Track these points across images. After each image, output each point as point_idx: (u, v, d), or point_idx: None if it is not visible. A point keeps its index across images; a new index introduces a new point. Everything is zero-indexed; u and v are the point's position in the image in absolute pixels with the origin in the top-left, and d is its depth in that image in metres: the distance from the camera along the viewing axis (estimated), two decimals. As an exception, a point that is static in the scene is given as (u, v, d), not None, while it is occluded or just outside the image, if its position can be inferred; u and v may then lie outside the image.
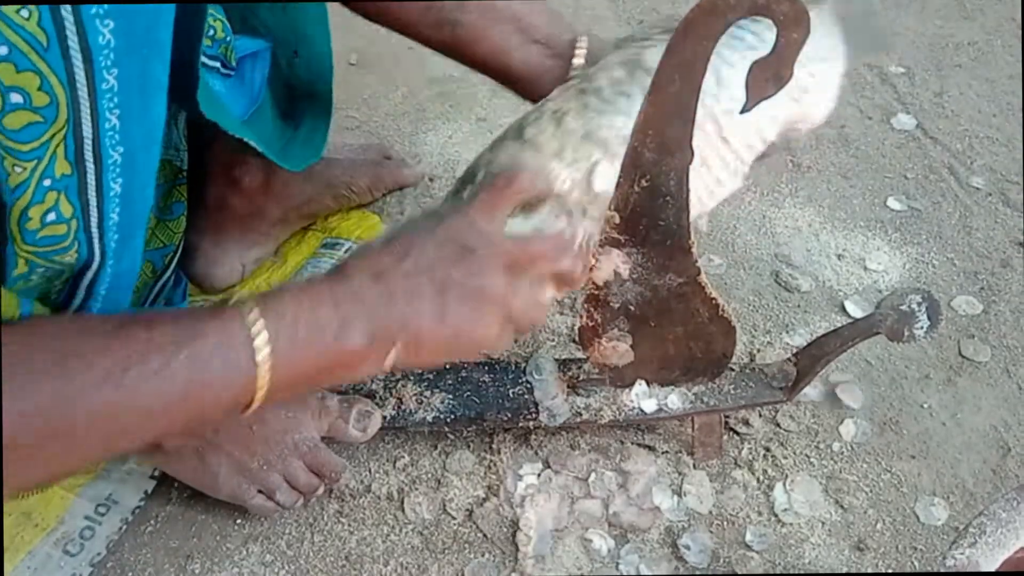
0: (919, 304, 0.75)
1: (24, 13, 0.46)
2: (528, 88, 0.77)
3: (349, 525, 0.81)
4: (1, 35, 0.46)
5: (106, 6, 0.49)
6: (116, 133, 0.54)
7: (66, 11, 0.48)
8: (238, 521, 0.81)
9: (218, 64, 0.81)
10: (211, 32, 0.78)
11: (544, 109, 0.67)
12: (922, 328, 0.75)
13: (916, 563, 0.79)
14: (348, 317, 0.56)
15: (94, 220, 0.57)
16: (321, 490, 0.80)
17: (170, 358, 0.50)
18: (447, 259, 0.59)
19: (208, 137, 0.74)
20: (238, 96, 0.84)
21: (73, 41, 0.49)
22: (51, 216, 0.53)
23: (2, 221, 0.52)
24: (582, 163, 0.65)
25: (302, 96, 0.92)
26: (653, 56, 0.62)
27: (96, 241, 0.58)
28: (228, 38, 0.80)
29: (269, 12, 0.84)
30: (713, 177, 0.67)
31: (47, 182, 0.52)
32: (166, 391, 0.51)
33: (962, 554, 0.59)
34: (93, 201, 0.56)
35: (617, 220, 0.67)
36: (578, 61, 0.74)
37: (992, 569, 0.59)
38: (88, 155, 0.53)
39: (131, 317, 0.53)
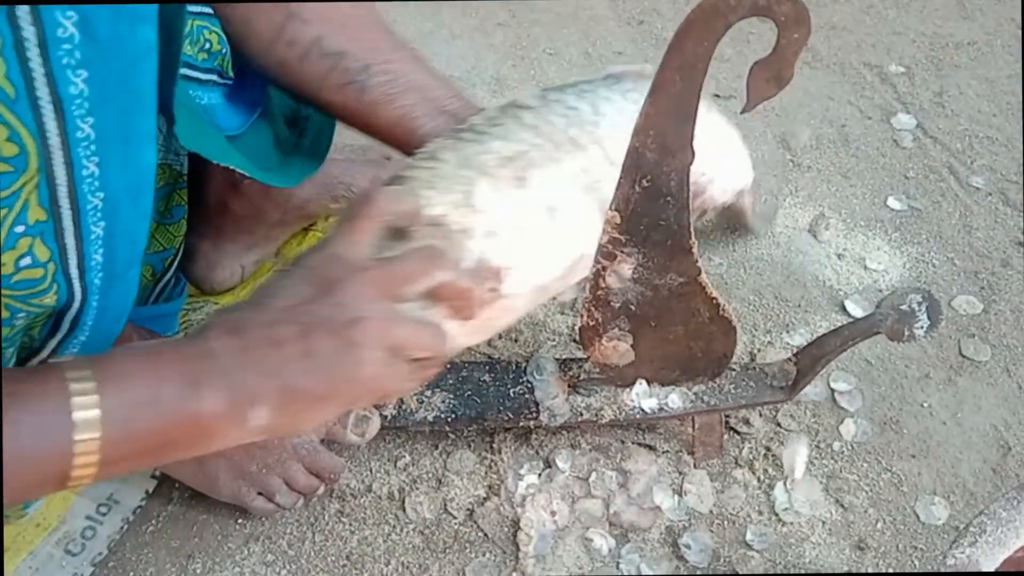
0: (919, 303, 0.76)
1: None
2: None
3: (350, 525, 0.81)
4: None
5: (79, 56, 0.48)
6: (95, 180, 0.53)
7: (35, 63, 0.47)
8: (239, 521, 0.81)
9: (215, 76, 0.80)
10: (207, 45, 0.78)
11: (422, 152, 0.67)
12: (922, 327, 0.75)
13: (916, 562, 0.79)
14: (198, 376, 0.50)
15: (73, 262, 0.56)
16: (321, 490, 0.80)
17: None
18: (309, 297, 0.53)
19: None
20: (238, 103, 0.84)
21: (43, 91, 0.48)
22: (26, 260, 0.53)
23: None
24: (457, 187, 0.63)
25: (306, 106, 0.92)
26: (524, 95, 0.63)
27: (76, 281, 0.57)
28: (224, 49, 0.79)
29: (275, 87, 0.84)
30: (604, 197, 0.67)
31: (19, 228, 0.51)
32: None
33: (963, 553, 0.60)
34: (71, 244, 0.55)
35: (618, 220, 0.67)
36: None
37: (992, 568, 0.59)
38: (64, 201, 0.53)
39: None
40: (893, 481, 0.85)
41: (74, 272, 0.57)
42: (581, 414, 0.80)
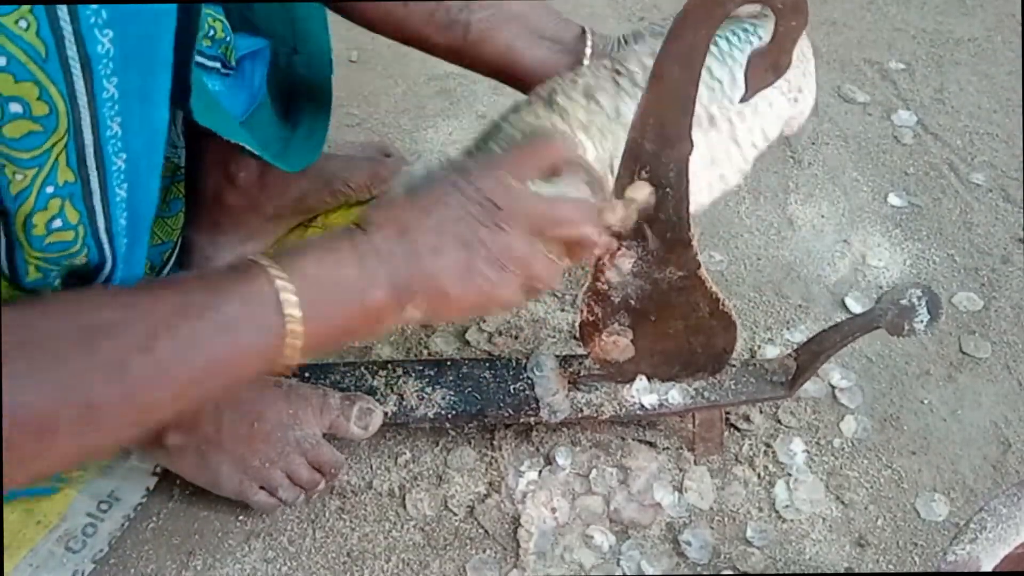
0: (919, 299, 0.75)
1: (23, 24, 0.46)
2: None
3: (351, 521, 0.81)
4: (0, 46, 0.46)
5: (105, 16, 0.49)
6: (118, 140, 0.54)
7: (64, 21, 0.48)
8: (240, 517, 0.81)
9: (218, 64, 0.81)
10: (211, 32, 0.78)
11: (577, 82, 0.67)
12: (922, 322, 0.75)
13: (917, 559, 0.79)
14: (371, 274, 0.55)
15: (102, 225, 0.57)
16: (322, 486, 0.80)
17: (199, 324, 0.50)
18: (474, 216, 0.57)
19: (204, 134, 0.74)
20: (237, 94, 0.84)
21: (72, 51, 0.49)
22: (56, 223, 0.54)
23: (7, 228, 0.53)
24: (607, 142, 0.65)
25: (301, 94, 0.92)
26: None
27: (107, 246, 0.58)
28: (228, 38, 0.80)
29: (268, 9, 0.84)
30: (718, 174, 0.67)
31: (49, 189, 0.52)
32: (198, 359, 0.50)
33: (963, 550, 0.59)
34: (99, 207, 0.56)
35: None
36: (588, 54, 0.74)
37: (993, 564, 0.59)
38: (91, 162, 0.54)
39: (153, 284, 0.53)
40: (893, 478, 0.85)
41: (103, 236, 0.58)
42: (581, 410, 0.80)
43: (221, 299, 0.51)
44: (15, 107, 0.48)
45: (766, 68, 0.57)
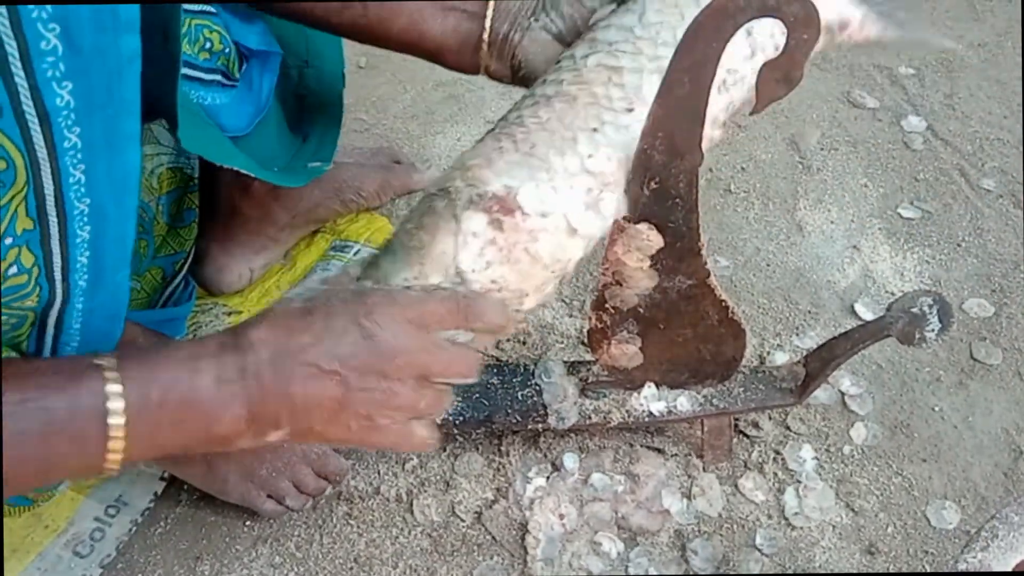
0: (930, 306, 0.75)
1: None
2: (452, 60, 0.74)
3: (358, 527, 0.81)
4: None
5: (64, 68, 0.49)
6: (81, 187, 0.54)
7: (19, 77, 0.48)
8: (247, 523, 0.81)
9: (218, 76, 0.80)
10: (207, 45, 0.78)
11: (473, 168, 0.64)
12: (933, 330, 0.74)
13: (927, 567, 0.79)
14: (227, 398, 0.52)
15: (57, 265, 0.56)
16: (329, 491, 0.80)
17: (25, 418, 0.49)
18: (360, 359, 0.54)
19: None
20: (243, 105, 0.84)
21: (28, 106, 0.49)
22: (12, 270, 0.53)
23: None
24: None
25: (312, 107, 0.92)
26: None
27: (59, 284, 0.57)
28: (227, 49, 0.79)
29: (280, 22, 0.84)
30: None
31: (8, 240, 0.52)
32: (21, 449, 0.49)
33: (974, 557, 0.59)
34: (56, 249, 0.55)
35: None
36: (488, 21, 0.71)
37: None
38: (51, 209, 0.53)
39: (20, 364, 0.51)
40: (904, 485, 0.84)
41: (57, 275, 0.57)
42: (589, 417, 0.80)
43: (50, 396, 0.50)
44: None
45: (778, 80, 0.57)
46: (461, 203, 0.60)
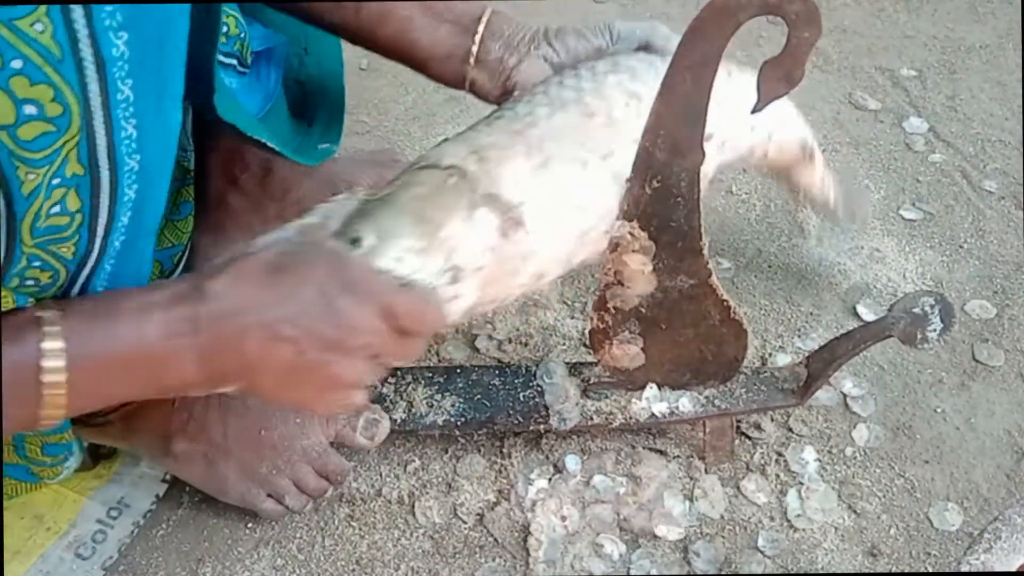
0: (932, 307, 0.75)
1: (38, 27, 0.47)
2: (437, 71, 0.74)
3: (360, 529, 0.81)
4: (15, 49, 0.46)
5: (120, 18, 0.50)
6: (132, 142, 0.55)
7: (80, 24, 0.48)
8: (249, 525, 0.81)
9: (234, 62, 0.81)
10: (224, 29, 0.78)
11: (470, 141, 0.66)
12: (935, 331, 0.74)
13: (930, 568, 0.78)
14: (178, 352, 0.52)
15: (102, 221, 0.57)
16: (330, 492, 0.80)
17: None
18: (323, 333, 0.54)
19: (207, 136, 0.74)
20: (253, 93, 0.84)
21: (87, 53, 0.49)
22: (56, 208, 0.53)
23: (12, 224, 0.53)
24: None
25: (314, 93, 0.93)
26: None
27: (99, 240, 0.58)
28: (243, 34, 0.80)
29: (278, 10, 0.85)
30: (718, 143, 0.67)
31: (56, 180, 0.52)
32: None
33: (977, 559, 0.59)
34: (105, 203, 0.56)
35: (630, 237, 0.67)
36: (478, 37, 0.72)
37: None
38: (103, 162, 0.54)
39: None
40: (906, 487, 0.84)
41: (100, 230, 0.57)
42: (591, 418, 0.80)
43: None
44: (30, 109, 0.48)
45: (779, 78, 0.57)
46: (478, 195, 0.60)
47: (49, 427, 0.53)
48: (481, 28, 0.72)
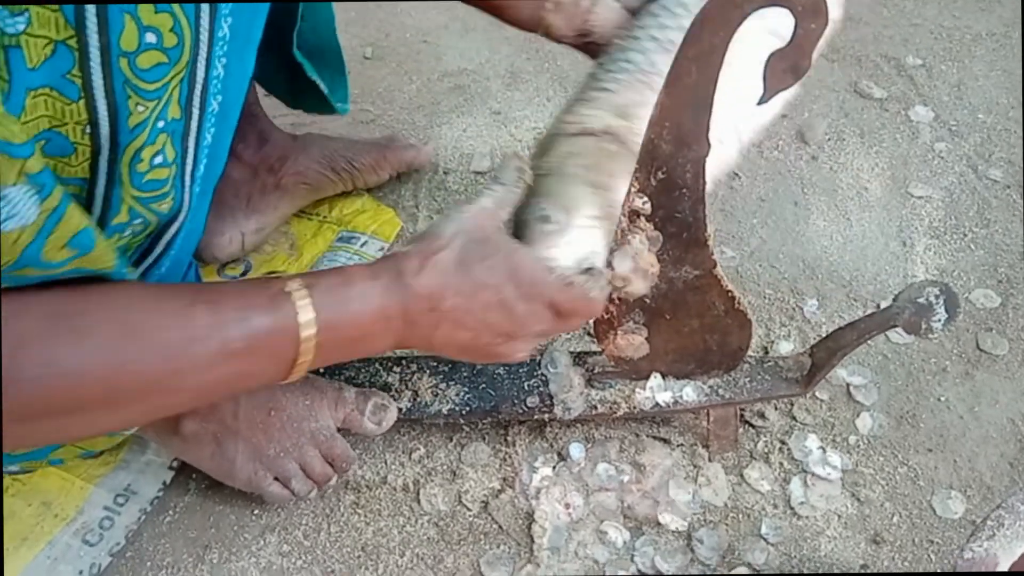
0: (936, 297, 0.75)
1: None
2: (511, 13, 0.76)
3: (365, 516, 0.82)
4: None
5: None
6: (219, 82, 0.56)
7: None
8: (255, 512, 0.81)
9: None
10: None
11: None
12: (940, 321, 0.74)
13: (933, 556, 0.79)
14: (385, 333, 0.60)
15: (189, 168, 0.59)
16: (334, 480, 0.80)
17: (228, 342, 0.54)
18: (498, 326, 0.62)
19: None
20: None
21: None
22: (159, 159, 0.55)
23: (114, 162, 0.53)
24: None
25: (311, 55, 0.94)
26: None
27: (187, 191, 0.60)
28: None
29: None
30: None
31: (161, 124, 0.54)
32: (220, 368, 0.55)
33: (980, 547, 0.59)
34: (191, 148, 0.58)
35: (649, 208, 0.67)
36: None
37: (1010, 562, 0.59)
38: (196, 100, 0.56)
39: (198, 295, 0.56)
40: (909, 475, 0.84)
41: (187, 180, 0.59)
42: (595, 407, 0.80)
43: (252, 323, 0.55)
44: (150, 37, 0.49)
45: (785, 69, 0.57)
46: (638, 154, 0.63)
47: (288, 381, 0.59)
48: None
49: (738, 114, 0.68)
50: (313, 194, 1.04)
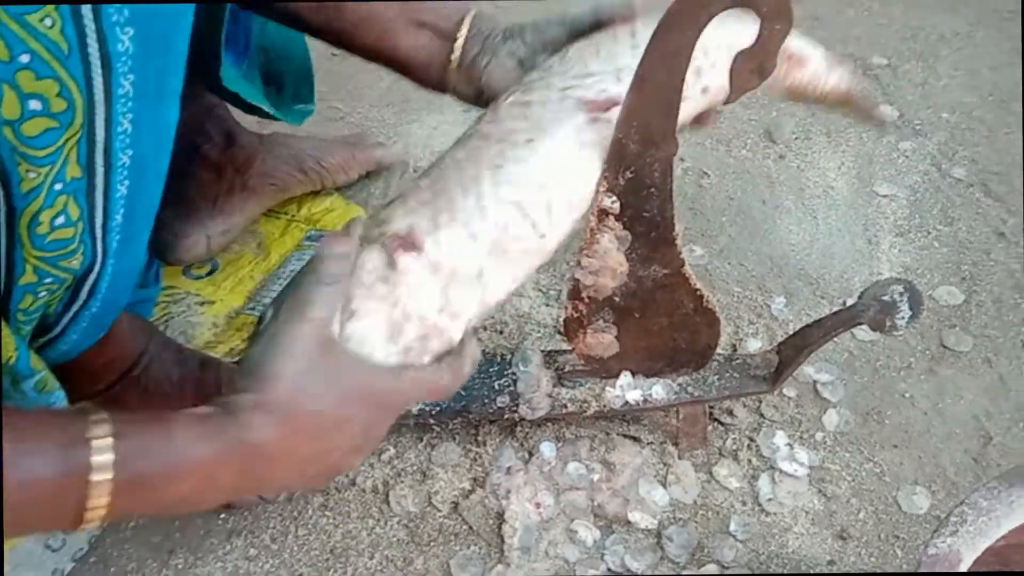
0: (901, 294, 0.76)
1: (47, 21, 0.47)
2: (418, 76, 0.73)
3: (334, 518, 0.81)
4: (23, 43, 0.46)
5: (127, 14, 0.50)
6: (127, 137, 0.55)
7: (88, 19, 0.48)
8: (221, 516, 0.80)
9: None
10: None
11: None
12: (904, 318, 0.75)
13: (898, 551, 0.80)
14: (207, 489, 0.52)
15: (99, 222, 0.57)
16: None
17: (14, 465, 0.47)
18: (345, 452, 0.56)
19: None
20: (228, 55, 0.84)
21: (93, 48, 0.49)
22: (60, 220, 0.53)
23: (11, 225, 0.52)
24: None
25: (279, 59, 0.93)
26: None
27: (99, 242, 0.58)
28: None
29: (258, 13, 0.84)
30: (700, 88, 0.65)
31: (58, 186, 0.52)
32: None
33: (944, 543, 0.60)
34: (100, 203, 0.56)
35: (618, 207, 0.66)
36: (460, 43, 0.70)
37: (973, 558, 0.60)
38: (99, 158, 0.54)
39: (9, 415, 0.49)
40: (875, 471, 0.85)
41: (98, 232, 0.57)
42: (565, 406, 0.80)
43: (40, 453, 0.48)
44: (35, 104, 0.48)
45: (752, 70, 0.57)
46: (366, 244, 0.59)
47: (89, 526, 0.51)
48: (463, 33, 0.71)
49: None
50: (281, 194, 1.03)
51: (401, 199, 0.62)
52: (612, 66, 0.63)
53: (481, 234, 0.60)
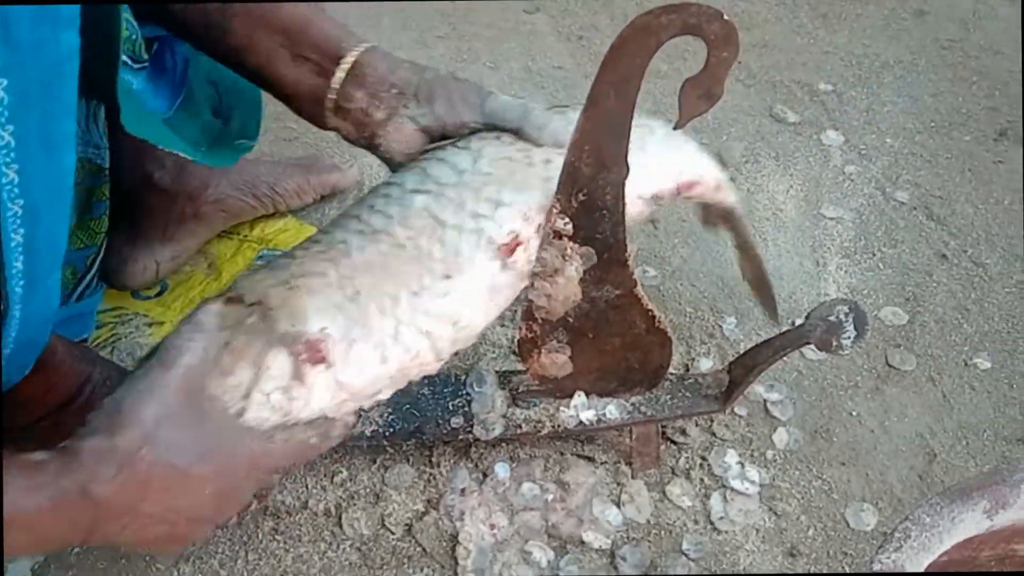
0: (846, 315, 0.77)
1: None
2: (299, 109, 0.72)
3: (285, 543, 0.80)
4: None
5: None
6: (15, 187, 0.53)
7: None
8: (170, 540, 0.79)
9: (127, 60, 0.78)
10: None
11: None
12: (849, 338, 0.77)
13: (847, 567, 0.81)
14: (45, 527, 0.51)
15: None
16: (254, 506, 0.78)
17: None
18: (201, 514, 0.55)
19: (121, 131, 0.72)
20: (161, 87, 0.82)
21: None
22: None
23: None
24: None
25: (228, 91, 0.91)
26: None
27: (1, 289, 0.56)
28: (135, 36, 0.77)
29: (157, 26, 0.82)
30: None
31: None
32: None
33: (888, 558, 0.61)
34: None
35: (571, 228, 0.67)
36: (339, 77, 0.68)
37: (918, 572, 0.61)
38: None
39: None
40: (824, 488, 0.87)
41: None
42: (520, 426, 0.80)
43: None
44: None
45: (699, 96, 0.58)
46: (275, 336, 0.58)
47: None
48: (338, 77, 0.68)
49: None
50: (233, 220, 1.02)
51: (307, 289, 0.61)
52: (523, 200, 0.66)
53: (392, 358, 0.63)
